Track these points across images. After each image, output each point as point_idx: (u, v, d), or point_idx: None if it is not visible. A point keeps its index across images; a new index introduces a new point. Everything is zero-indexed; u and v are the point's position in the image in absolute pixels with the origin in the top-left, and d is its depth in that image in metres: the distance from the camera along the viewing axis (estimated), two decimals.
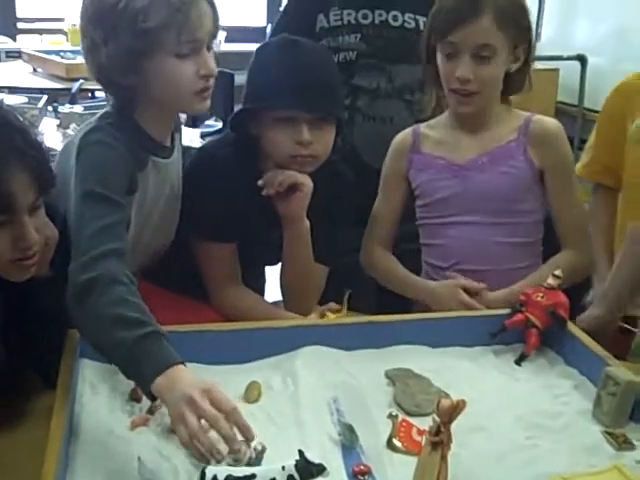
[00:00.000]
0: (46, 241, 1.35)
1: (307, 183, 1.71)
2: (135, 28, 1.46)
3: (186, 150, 1.87)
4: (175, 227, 1.77)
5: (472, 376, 1.50)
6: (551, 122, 1.84)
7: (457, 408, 1.09)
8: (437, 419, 1.10)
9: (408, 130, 1.93)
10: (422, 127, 1.91)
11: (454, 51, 1.72)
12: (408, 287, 1.87)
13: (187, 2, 1.48)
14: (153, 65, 1.51)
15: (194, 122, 4.82)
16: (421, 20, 2.13)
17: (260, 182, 1.71)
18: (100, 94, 4.91)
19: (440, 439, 1.10)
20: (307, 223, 1.76)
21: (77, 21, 1.57)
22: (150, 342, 1.23)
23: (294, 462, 1.14)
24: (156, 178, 1.63)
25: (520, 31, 1.75)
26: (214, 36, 1.60)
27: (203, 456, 1.15)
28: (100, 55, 1.51)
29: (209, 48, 1.57)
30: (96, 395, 1.38)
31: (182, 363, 1.22)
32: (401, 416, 1.31)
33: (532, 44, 1.80)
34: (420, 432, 1.26)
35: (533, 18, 1.83)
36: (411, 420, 1.32)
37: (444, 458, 1.11)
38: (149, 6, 1.46)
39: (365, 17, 2.13)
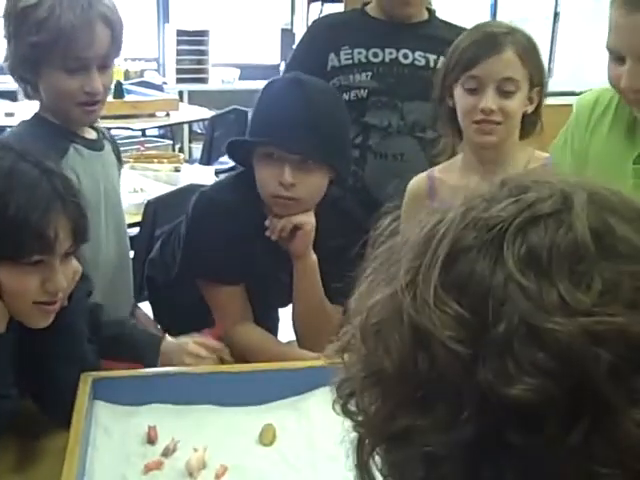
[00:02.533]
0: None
1: (308, 221, 1.70)
2: (27, 39, 1.58)
3: (195, 188, 1.88)
4: (125, 240, 1.88)
5: None
6: None
7: None
8: None
9: (423, 175, 1.88)
10: (437, 172, 1.87)
11: (478, 85, 1.70)
12: None
13: (79, 24, 1.57)
14: (43, 73, 1.63)
15: (208, 159, 4.86)
16: (431, 58, 2.14)
17: (267, 232, 1.71)
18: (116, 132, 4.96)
19: None
20: (314, 258, 1.75)
21: None
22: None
23: None
24: (85, 167, 1.68)
25: (536, 71, 1.75)
26: (109, 56, 1.67)
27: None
28: (7, 48, 1.65)
29: (105, 67, 1.66)
30: (109, 438, 1.37)
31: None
32: None
33: (545, 87, 1.79)
34: None
35: (546, 54, 1.84)
36: None
37: None
38: (42, 22, 1.57)
39: (376, 55, 2.15)
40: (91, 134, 1.77)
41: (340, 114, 1.77)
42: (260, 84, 1.82)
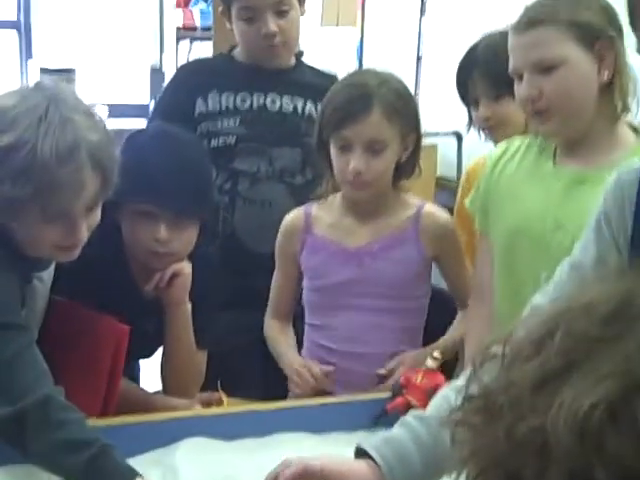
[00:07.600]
0: None
1: (185, 266, 1.72)
2: (1, 188, 1.32)
3: None
4: None
5: None
6: (441, 216, 1.88)
7: None
8: None
9: (299, 210, 1.93)
10: (314, 208, 1.91)
11: (347, 144, 1.76)
12: (280, 360, 1.89)
13: (63, 175, 1.32)
14: (19, 219, 1.38)
15: None
16: (299, 104, 2.16)
17: (147, 287, 1.71)
18: None
19: None
20: (189, 306, 1.75)
21: None
22: (101, 461, 1.25)
23: None
24: (41, 289, 1.58)
25: (408, 121, 1.80)
26: (97, 201, 1.44)
27: None
28: None
29: (91, 210, 1.43)
30: None
31: (139, 475, 1.26)
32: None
33: (420, 132, 1.84)
34: None
35: None
36: None
37: None
38: (19, 173, 1.31)
39: (244, 100, 2.14)
40: None
41: (206, 164, 1.82)
42: (129, 122, 1.79)
